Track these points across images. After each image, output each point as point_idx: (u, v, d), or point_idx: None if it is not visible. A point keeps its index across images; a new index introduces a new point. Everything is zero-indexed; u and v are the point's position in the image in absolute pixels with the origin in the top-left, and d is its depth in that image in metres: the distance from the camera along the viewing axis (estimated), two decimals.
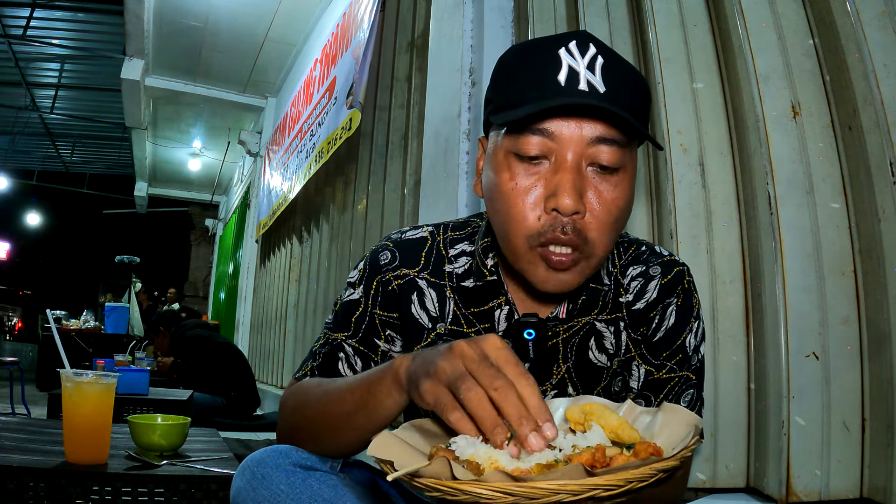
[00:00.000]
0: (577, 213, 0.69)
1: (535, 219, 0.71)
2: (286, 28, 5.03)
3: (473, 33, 2.11)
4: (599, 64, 0.69)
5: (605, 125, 0.70)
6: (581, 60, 0.69)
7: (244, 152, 6.95)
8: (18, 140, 10.72)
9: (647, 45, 1.55)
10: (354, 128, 3.07)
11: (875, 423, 1.21)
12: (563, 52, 0.70)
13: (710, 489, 1.34)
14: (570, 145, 0.69)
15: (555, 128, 0.69)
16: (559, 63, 0.69)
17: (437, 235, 0.89)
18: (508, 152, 0.72)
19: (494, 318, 0.83)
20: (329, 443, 0.75)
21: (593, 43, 0.71)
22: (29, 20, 6.69)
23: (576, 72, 0.69)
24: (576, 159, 0.70)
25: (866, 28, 1.21)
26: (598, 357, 0.83)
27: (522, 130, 0.71)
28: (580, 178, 0.70)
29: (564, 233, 0.70)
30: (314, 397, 0.77)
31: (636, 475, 0.47)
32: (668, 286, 0.83)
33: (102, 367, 2.59)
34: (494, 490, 0.46)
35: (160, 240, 17.13)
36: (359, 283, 0.87)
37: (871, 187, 1.21)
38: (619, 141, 0.70)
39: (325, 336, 0.87)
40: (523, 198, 0.71)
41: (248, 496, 0.67)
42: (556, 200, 0.69)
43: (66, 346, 1.36)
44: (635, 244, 0.87)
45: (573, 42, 0.70)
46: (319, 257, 4.18)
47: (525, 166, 0.72)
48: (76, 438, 1.18)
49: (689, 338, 0.82)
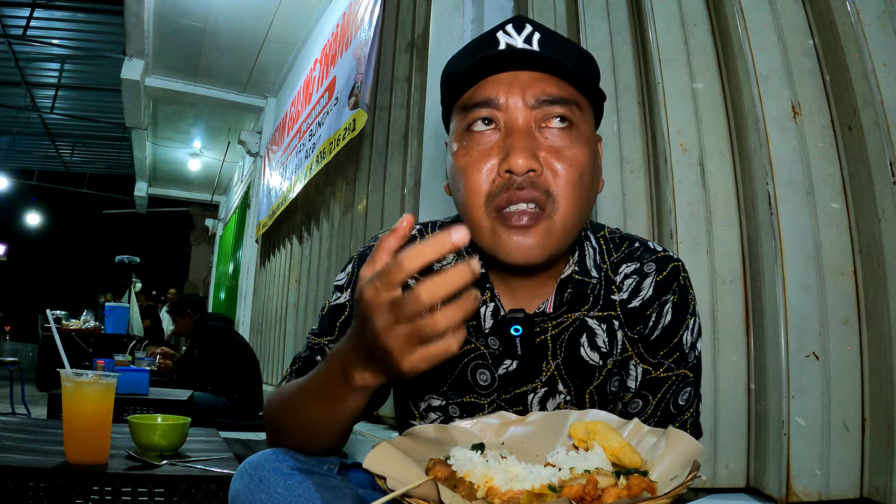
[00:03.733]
0: (532, 171, 0.69)
1: (489, 183, 0.72)
2: (286, 28, 5.03)
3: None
4: (536, 38, 0.74)
5: (545, 82, 0.72)
6: (518, 37, 0.74)
7: (244, 152, 6.96)
8: (18, 140, 10.72)
9: (647, 45, 1.55)
10: (359, 128, 3.07)
11: (875, 423, 1.21)
12: (501, 34, 0.74)
13: (710, 489, 1.34)
14: (517, 109, 0.72)
15: (500, 97, 0.72)
16: (497, 42, 0.74)
17: (425, 234, 0.89)
18: (462, 132, 0.75)
19: (480, 315, 0.82)
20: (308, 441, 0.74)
21: (529, 23, 0.75)
22: (29, 20, 6.70)
23: (513, 46, 0.73)
24: (525, 122, 0.71)
25: (866, 28, 1.21)
26: (590, 355, 0.81)
27: (470, 107, 0.73)
28: (531, 139, 0.71)
29: (520, 187, 0.69)
30: (286, 402, 0.76)
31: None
32: (664, 283, 0.81)
33: (102, 367, 2.59)
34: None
35: (160, 240, 17.14)
36: (346, 287, 0.86)
37: (871, 187, 1.21)
38: (564, 98, 0.72)
39: (308, 341, 0.87)
40: (478, 166, 0.72)
41: (247, 499, 0.67)
42: (508, 162, 0.69)
43: (66, 346, 1.36)
44: (628, 240, 0.85)
45: (510, 25, 0.75)
46: (319, 257, 4.18)
47: (477, 138, 0.73)
48: (76, 438, 1.18)
49: (685, 335, 0.80)
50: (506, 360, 0.81)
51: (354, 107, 3.15)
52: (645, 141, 1.61)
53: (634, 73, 1.63)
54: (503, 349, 0.81)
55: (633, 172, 1.60)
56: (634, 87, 1.61)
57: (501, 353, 0.81)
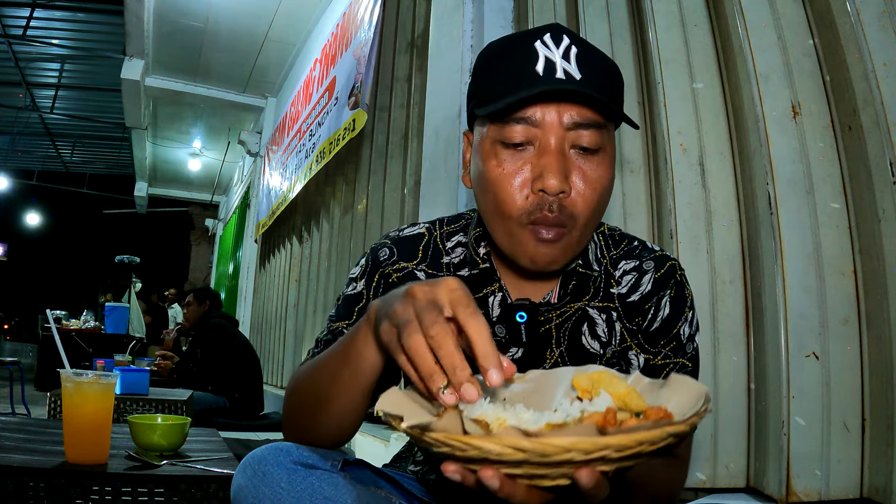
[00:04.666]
0: (562, 192, 0.74)
1: (523, 199, 0.76)
2: (286, 28, 5.03)
3: (473, 33, 2.12)
4: (574, 53, 0.74)
5: (582, 108, 0.74)
6: (556, 51, 0.74)
7: (244, 152, 6.96)
8: (18, 140, 10.72)
9: (647, 45, 1.55)
10: (359, 128, 3.07)
11: (875, 423, 1.21)
12: (539, 45, 0.75)
13: (710, 489, 1.34)
14: (553, 130, 0.74)
15: (537, 115, 0.74)
16: (535, 55, 0.74)
17: (433, 231, 0.92)
18: (494, 141, 0.77)
19: (488, 305, 0.86)
20: (323, 415, 0.74)
21: (566, 34, 0.76)
22: (29, 20, 6.70)
23: (552, 62, 0.74)
24: (559, 143, 0.75)
25: (866, 28, 1.21)
26: (590, 343, 0.86)
27: (507, 120, 0.75)
28: (564, 161, 0.74)
29: (551, 211, 0.74)
30: (306, 373, 0.78)
31: (648, 437, 0.46)
32: (662, 279, 0.86)
33: (102, 367, 2.59)
34: (505, 446, 0.45)
35: (160, 240, 17.14)
36: (360, 278, 0.90)
37: (871, 187, 1.21)
38: (597, 123, 0.75)
39: (328, 326, 0.89)
40: (511, 181, 0.76)
41: (249, 493, 0.67)
42: (542, 182, 0.74)
43: (66, 346, 1.36)
44: (627, 239, 0.91)
45: (547, 34, 0.76)
46: (319, 257, 4.18)
47: (511, 152, 0.76)
48: (76, 438, 1.18)
49: (683, 327, 0.85)
50: (512, 347, 0.85)
51: (354, 107, 3.15)
52: (645, 141, 1.61)
53: (634, 73, 1.63)
54: (509, 337, 0.85)
55: (633, 172, 1.60)
56: (634, 87, 1.61)
57: (508, 341, 0.85)
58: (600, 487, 0.48)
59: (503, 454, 0.45)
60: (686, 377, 0.59)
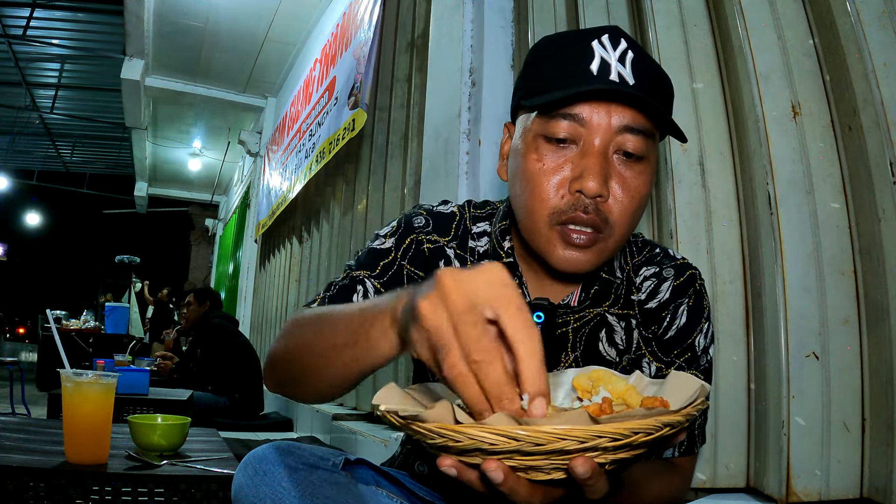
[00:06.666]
0: (600, 196, 0.71)
1: (558, 197, 0.73)
2: (286, 28, 5.03)
3: (473, 33, 2.12)
4: (630, 58, 0.72)
5: (633, 113, 0.72)
6: (613, 53, 0.72)
7: (244, 152, 6.96)
8: (18, 140, 10.72)
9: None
10: (358, 128, 3.07)
11: (875, 423, 1.21)
12: (596, 44, 0.73)
13: (710, 489, 1.34)
14: (599, 131, 0.72)
15: (585, 113, 0.72)
16: (592, 53, 0.72)
17: (464, 213, 0.91)
18: (538, 135, 0.75)
19: None
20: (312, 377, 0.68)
21: (624, 38, 0.74)
22: (29, 20, 6.70)
23: (607, 63, 0.71)
24: (603, 145, 0.72)
25: (866, 28, 1.21)
26: (607, 350, 0.84)
27: (553, 115, 0.73)
28: (606, 164, 0.72)
29: (586, 212, 0.72)
30: (311, 320, 0.70)
31: (642, 425, 0.46)
32: (681, 288, 0.85)
33: (102, 367, 2.59)
34: (498, 434, 0.44)
35: (160, 240, 17.15)
36: (391, 235, 0.87)
37: (871, 187, 1.21)
38: (645, 130, 0.73)
39: (347, 272, 0.85)
40: (549, 177, 0.74)
41: (250, 492, 0.67)
42: (581, 182, 0.71)
43: (66, 346, 1.36)
44: (649, 246, 0.90)
45: (605, 35, 0.73)
46: (319, 257, 4.18)
47: (553, 148, 0.74)
48: (76, 438, 1.18)
49: (698, 338, 0.84)
50: None
51: (354, 107, 3.15)
52: None
53: None
54: None
55: None
56: None
57: None
58: (597, 478, 0.47)
59: (497, 443, 0.45)
60: (686, 374, 0.59)
